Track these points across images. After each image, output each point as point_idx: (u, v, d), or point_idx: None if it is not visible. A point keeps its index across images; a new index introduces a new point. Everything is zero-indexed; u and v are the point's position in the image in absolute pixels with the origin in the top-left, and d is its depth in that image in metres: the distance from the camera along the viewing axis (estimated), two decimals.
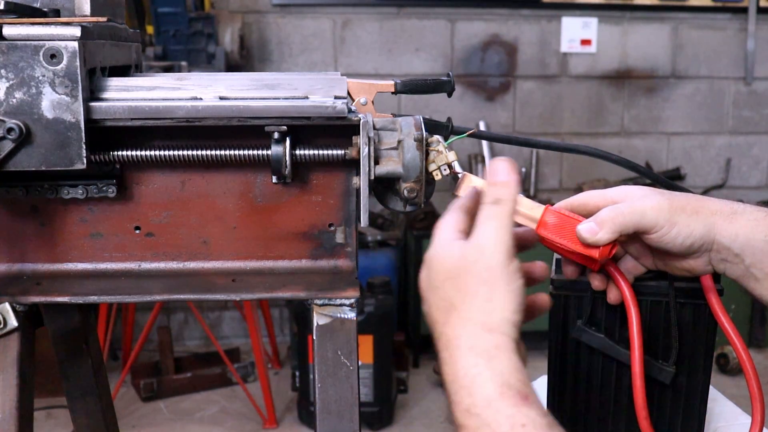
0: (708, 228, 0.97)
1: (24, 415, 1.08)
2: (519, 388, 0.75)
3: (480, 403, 0.74)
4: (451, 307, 0.81)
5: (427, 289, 0.86)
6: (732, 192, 4.78)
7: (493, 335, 0.78)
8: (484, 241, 0.82)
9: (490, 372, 0.76)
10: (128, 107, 0.99)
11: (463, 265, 0.82)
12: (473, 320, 0.80)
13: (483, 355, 0.77)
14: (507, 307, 0.80)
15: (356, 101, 1.09)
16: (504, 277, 0.81)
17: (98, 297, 1.09)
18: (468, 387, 0.76)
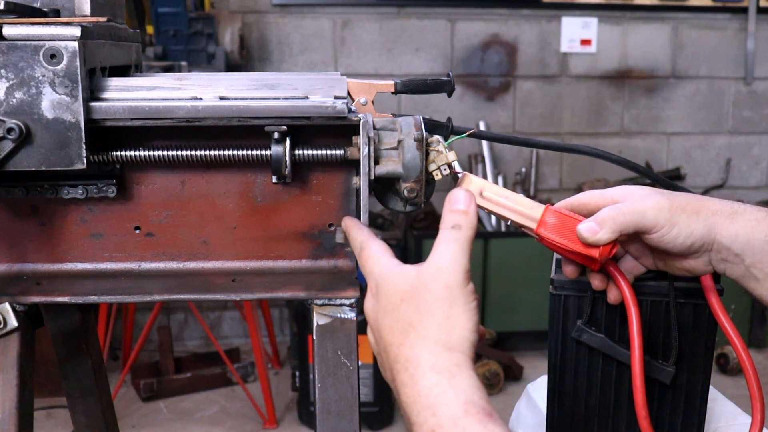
0: (708, 228, 0.97)
1: (24, 415, 1.08)
2: (483, 406, 0.75)
3: (445, 423, 0.74)
4: (409, 326, 0.81)
5: (378, 313, 0.85)
6: (732, 192, 4.78)
7: (453, 354, 0.78)
8: (443, 261, 0.82)
9: (454, 390, 0.75)
10: (128, 107, 0.99)
11: (420, 285, 0.82)
12: (433, 338, 0.79)
13: (444, 374, 0.77)
14: (465, 326, 0.80)
15: (356, 101, 1.09)
16: (462, 296, 0.81)
17: (98, 297, 1.09)
18: (432, 407, 0.75)
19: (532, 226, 1.02)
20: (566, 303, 1.13)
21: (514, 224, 1.04)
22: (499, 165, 4.61)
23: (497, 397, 3.81)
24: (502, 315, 4.15)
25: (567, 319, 1.13)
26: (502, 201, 1.04)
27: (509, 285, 4.12)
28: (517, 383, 3.89)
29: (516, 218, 1.03)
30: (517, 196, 1.04)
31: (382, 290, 0.85)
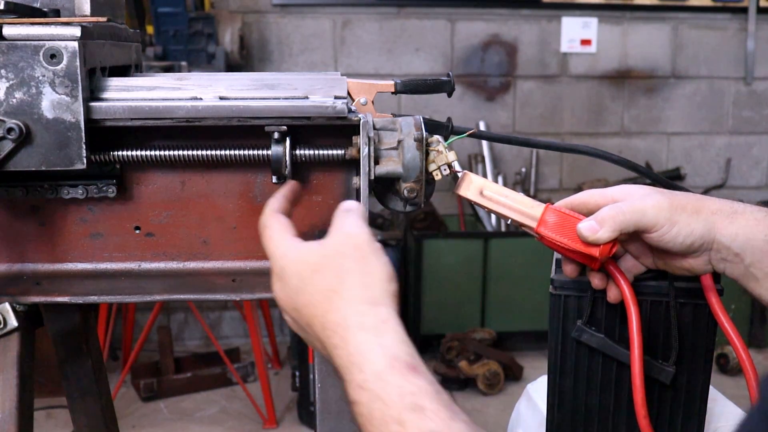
0: (708, 227, 0.97)
1: (24, 415, 1.08)
2: (407, 360, 0.78)
3: (371, 378, 0.77)
4: (331, 292, 0.83)
5: (290, 294, 0.87)
6: (732, 192, 4.78)
7: (378, 308, 0.81)
8: (347, 228, 0.87)
9: (380, 347, 0.78)
10: (128, 107, 0.99)
11: (331, 253, 0.85)
12: (356, 297, 0.82)
13: (372, 331, 0.80)
14: (384, 278, 0.84)
15: (356, 101, 1.09)
16: (373, 252, 0.85)
17: (98, 297, 1.09)
18: (359, 363, 0.78)
19: (532, 224, 1.02)
20: (566, 303, 1.12)
21: (515, 223, 1.04)
22: (499, 165, 4.61)
23: (497, 397, 3.81)
24: (502, 315, 4.15)
25: (567, 319, 1.13)
26: (503, 200, 1.04)
27: (509, 285, 4.12)
28: (517, 383, 3.88)
29: (516, 217, 1.03)
30: (517, 194, 1.04)
31: (288, 271, 0.87)
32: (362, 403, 0.77)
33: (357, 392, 0.77)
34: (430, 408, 0.74)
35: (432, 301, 4.10)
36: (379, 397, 0.75)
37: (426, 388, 0.76)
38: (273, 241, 0.90)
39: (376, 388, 0.76)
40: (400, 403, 0.74)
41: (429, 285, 4.08)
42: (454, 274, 4.11)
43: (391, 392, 0.75)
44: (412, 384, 0.75)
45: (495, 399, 3.80)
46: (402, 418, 0.74)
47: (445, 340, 3.93)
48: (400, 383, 0.76)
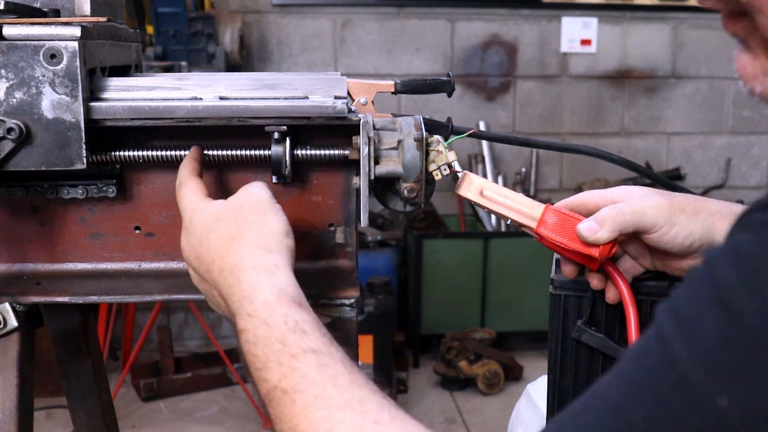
0: (707, 228, 0.97)
1: (24, 415, 1.08)
2: (294, 296, 0.84)
3: (259, 307, 0.83)
4: (231, 238, 0.90)
5: (194, 241, 0.93)
6: (732, 192, 4.78)
7: (272, 255, 0.88)
8: (250, 187, 0.94)
9: (270, 283, 0.85)
10: (128, 107, 0.99)
11: (234, 206, 0.92)
12: (253, 244, 0.89)
13: (264, 271, 0.86)
14: (281, 231, 0.90)
15: (356, 101, 1.09)
16: (273, 208, 0.92)
17: (98, 297, 1.09)
18: (250, 296, 0.85)
19: (532, 225, 1.02)
20: (566, 303, 1.12)
21: (514, 223, 1.04)
22: (499, 165, 4.61)
23: (497, 397, 3.81)
24: (502, 315, 4.15)
25: (567, 319, 1.13)
26: (502, 200, 1.04)
27: (509, 285, 4.12)
28: (517, 383, 3.88)
29: (516, 217, 1.03)
30: (517, 195, 1.04)
31: (196, 220, 0.94)
32: (249, 329, 0.83)
33: (245, 320, 0.83)
34: (311, 333, 0.80)
35: (432, 301, 4.10)
36: (266, 323, 0.82)
37: (309, 320, 0.82)
38: (187, 197, 0.97)
39: (263, 315, 0.82)
40: (284, 326, 0.81)
41: (429, 285, 4.08)
42: (454, 274, 4.11)
43: (277, 318, 0.82)
44: (297, 314, 0.82)
45: (495, 399, 3.81)
46: (285, 338, 0.80)
47: (445, 340, 3.92)
48: (285, 311, 0.82)
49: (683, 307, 0.57)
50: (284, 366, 0.78)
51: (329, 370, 0.77)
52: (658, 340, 0.57)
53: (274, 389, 0.78)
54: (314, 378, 0.76)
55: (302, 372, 0.77)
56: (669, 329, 0.57)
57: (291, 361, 0.78)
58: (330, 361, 0.78)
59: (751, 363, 0.52)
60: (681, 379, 0.54)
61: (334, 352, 0.79)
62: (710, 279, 0.56)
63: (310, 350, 0.78)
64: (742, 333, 0.52)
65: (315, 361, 0.77)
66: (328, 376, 0.76)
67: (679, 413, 0.54)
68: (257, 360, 0.81)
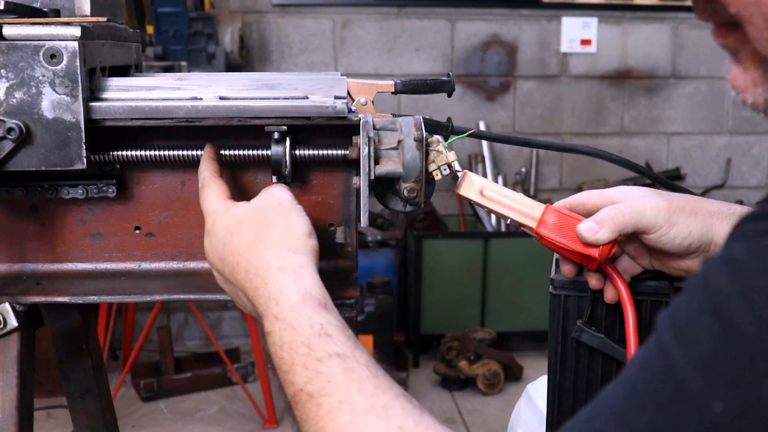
0: (706, 228, 0.97)
1: (24, 415, 1.08)
2: (319, 299, 0.85)
3: (285, 309, 0.84)
4: (255, 240, 0.90)
5: (218, 244, 0.94)
6: (732, 192, 4.78)
7: (297, 256, 0.89)
8: (273, 189, 0.96)
9: (296, 286, 0.86)
10: (128, 107, 0.99)
11: (257, 208, 0.93)
12: (278, 245, 0.89)
13: (290, 273, 0.87)
14: (304, 231, 0.91)
15: (356, 101, 1.09)
16: (295, 209, 0.93)
17: (98, 297, 1.09)
18: (276, 299, 0.85)
19: (532, 225, 1.02)
20: (566, 303, 1.12)
21: (514, 223, 1.04)
22: (499, 165, 4.61)
23: (497, 397, 3.81)
24: (502, 315, 4.15)
25: (567, 319, 1.13)
26: (503, 200, 1.04)
27: (509, 285, 4.12)
28: (517, 383, 3.88)
29: (516, 217, 1.03)
30: (517, 195, 1.04)
31: (219, 222, 0.95)
32: (275, 332, 0.83)
33: (272, 323, 0.84)
34: (336, 336, 0.81)
35: (432, 301, 4.10)
36: (291, 326, 0.82)
37: (334, 323, 0.83)
38: (209, 199, 0.97)
39: (288, 318, 0.83)
40: (309, 330, 0.81)
41: (429, 285, 4.08)
42: (454, 274, 4.11)
43: (302, 321, 0.82)
44: (322, 317, 0.83)
45: (495, 399, 3.81)
46: (310, 342, 0.80)
47: (445, 340, 3.93)
48: (311, 315, 0.83)
49: (681, 316, 0.59)
50: (309, 370, 0.78)
51: (354, 374, 0.77)
52: (658, 348, 0.59)
53: (300, 392, 0.78)
54: (339, 382, 0.76)
55: (327, 376, 0.77)
56: (667, 337, 0.58)
57: (316, 365, 0.78)
58: (355, 366, 0.78)
59: (745, 370, 0.53)
60: (679, 385, 0.56)
61: (358, 356, 0.79)
62: (705, 288, 0.57)
63: (335, 354, 0.79)
64: (737, 341, 0.54)
65: (340, 366, 0.78)
66: (353, 381, 0.76)
67: (678, 419, 0.56)
68: (283, 363, 0.81)
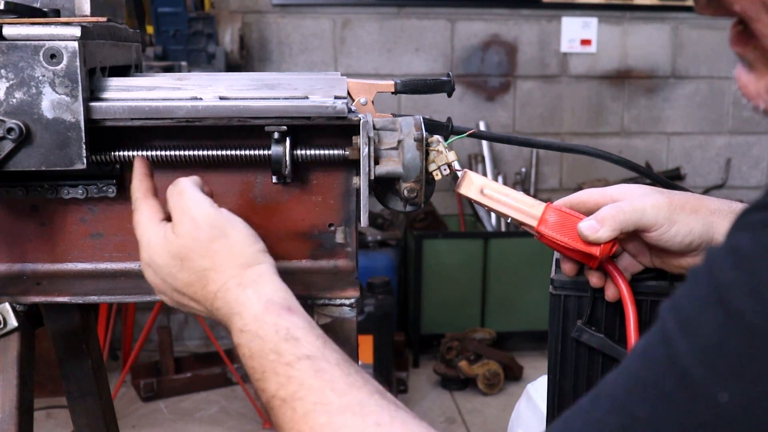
0: (707, 226, 0.97)
1: (24, 415, 1.08)
2: (281, 303, 0.85)
3: (249, 321, 0.84)
4: (205, 271, 0.89)
5: (168, 279, 0.92)
6: (732, 192, 4.78)
7: (252, 268, 0.88)
8: (193, 212, 0.90)
9: (256, 295, 0.85)
10: (128, 107, 0.99)
11: (189, 242, 0.89)
12: (231, 266, 0.88)
13: (250, 285, 0.86)
14: (249, 242, 0.90)
15: (356, 101, 1.09)
16: (228, 223, 0.90)
17: (98, 297, 1.09)
18: (239, 312, 0.85)
19: (532, 223, 1.02)
20: (566, 303, 1.12)
21: (515, 222, 1.04)
22: (499, 165, 4.61)
23: (497, 397, 3.81)
24: (502, 315, 4.15)
25: (567, 319, 1.13)
26: (503, 198, 1.04)
27: (509, 285, 4.12)
28: (517, 383, 3.88)
29: (517, 216, 1.03)
30: (517, 193, 1.04)
31: (158, 260, 0.92)
32: (243, 344, 0.83)
33: (238, 336, 0.84)
34: (303, 338, 0.80)
35: (432, 301, 4.10)
36: (257, 335, 0.82)
37: (299, 324, 0.82)
38: (141, 224, 0.95)
39: (254, 329, 0.83)
40: (275, 336, 0.81)
41: (429, 285, 4.08)
42: (454, 274, 4.10)
43: (267, 329, 0.82)
44: (287, 321, 0.82)
45: (495, 399, 3.80)
46: (278, 348, 0.80)
47: (445, 340, 3.92)
48: (275, 321, 0.82)
49: (684, 306, 0.58)
50: (280, 375, 0.78)
51: (326, 374, 0.77)
52: (661, 338, 0.59)
53: (273, 398, 0.78)
54: (312, 384, 0.76)
55: (299, 380, 0.77)
56: (671, 327, 0.58)
57: (287, 369, 0.78)
58: (326, 366, 0.78)
59: (750, 360, 0.53)
60: (683, 375, 0.55)
61: (329, 355, 0.79)
62: (710, 278, 0.57)
63: (305, 356, 0.79)
64: (741, 331, 0.54)
65: (310, 368, 0.78)
66: (326, 381, 0.76)
67: (681, 408, 0.55)
68: (255, 372, 0.81)
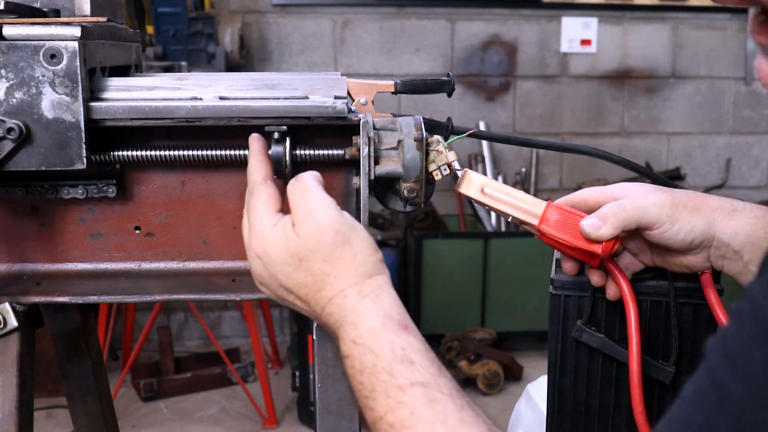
0: (709, 224, 0.97)
1: (24, 415, 1.08)
2: (399, 320, 0.83)
3: (364, 333, 0.82)
4: (324, 276, 0.86)
5: (280, 276, 0.89)
6: (732, 192, 4.78)
7: (374, 278, 0.86)
8: (317, 215, 0.87)
9: (374, 307, 0.83)
10: (128, 107, 0.99)
11: (311, 245, 0.87)
12: (351, 275, 0.86)
13: (369, 295, 0.85)
14: (370, 251, 0.88)
15: (356, 101, 1.09)
16: (353, 230, 0.88)
17: (98, 297, 1.09)
18: (354, 322, 0.83)
19: (533, 222, 1.02)
20: (566, 303, 1.12)
21: (516, 221, 1.04)
22: (499, 165, 4.61)
23: (497, 397, 3.81)
24: (502, 315, 4.15)
25: (567, 319, 1.13)
26: (504, 197, 1.04)
27: (509, 285, 4.12)
28: (517, 383, 3.88)
29: (518, 214, 1.03)
30: (518, 192, 1.04)
31: (273, 256, 0.89)
32: (354, 356, 0.81)
33: (350, 347, 0.82)
34: (419, 362, 0.78)
35: (432, 301, 4.10)
36: (371, 350, 0.80)
37: (416, 345, 0.80)
38: (257, 211, 0.91)
39: (368, 342, 0.81)
40: (390, 355, 0.79)
41: (429, 285, 4.08)
42: (454, 274, 4.10)
43: (383, 346, 0.80)
44: (403, 340, 0.80)
45: (495, 399, 3.80)
46: (392, 368, 0.78)
47: (445, 340, 3.92)
48: (392, 338, 0.80)
49: (732, 346, 0.57)
50: (391, 399, 0.76)
51: (438, 406, 0.75)
52: (711, 380, 0.57)
53: (380, 420, 0.76)
54: (423, 415, 0.74)
55: (410, 407, 0.75)
56: (721, 369, 0.57)
57: (398, 393, 0.76)
58: (439, 396, 0.76)
59: None
60: (737, 417, 0.54)
61: (442, 385, 0.77)
62: (755, 315, 0.56)
63: (419, 383, 0.76)
64: None
65: (424, 396, 0.75)
66: (437, 413, 0.74)
67: None
68: (363, 388, 0.79)
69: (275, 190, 0.93)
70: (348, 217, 0.89)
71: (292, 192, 0.90)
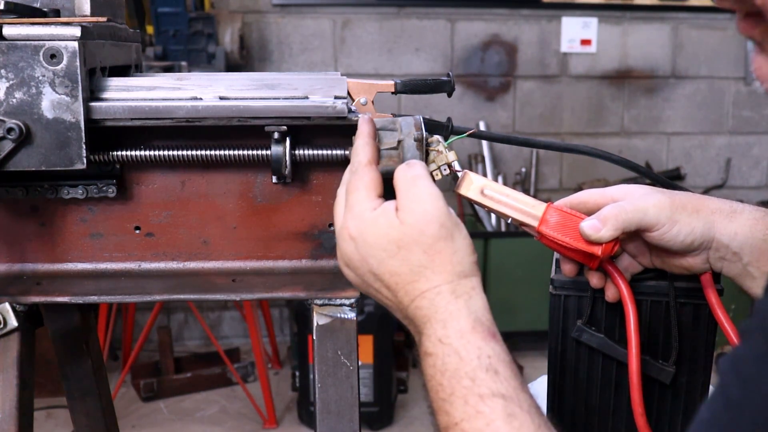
0: (708, 226, 0.97)
1: (24, 415, 1.08)
2: (489, 326, 0.83)
3: (453, 334, 0.81)
4: (421, 268, 0.85)
5: (373, 260, 0.87)
6: (732, 192, 4.78)
7: (469, 279, 0.86)
8: (426, 204, 0.86)
9: (466, 309, 0.83)
10: (128, 107, 0.99)
11: (415, 233, 0.85)
12: (448, 272, 0.85)
13: (463, 296, 0.84)
14: (469, 251, 0.87)
15: (356, 101, 1.09)
16: (456, 227, 0.87)
17: (98, 297, 1.09)
18: (444, 320, 0.82)
19: (533, 223, 1.02)
20: (566, 303, 1.12)
21: (515, 222, 1.04)
22: (499, 165, 4.61)
23: None
24: (502, 315, 4.13)
25: (567, 319, 1.13)
26: (504, 199, 1.04)
27: (509, 285, 4.11)
28: None
29: (517, 216, 1.03)
30: (518, 194, 1.04)
31: (370, 240, 0.87)
32: (437, 355, 0.80)
33: (435, 345, 0.81)
34: (503, 373, 0.77)
35: None
36: (457, 353, 0.79)
37: (502, 356, 0.79)
38: (358, 192, 0.89)
39: (455, 344, 0.80)
40: (476, 361, 0.78)
41: None
42: None
43: (470, 351, 0.79)
44: (491, 348, 0.79)
45: None
46: (476, 375, 0.77)
47: None
48: (480, 345, 0.79)
49: (745, 365, 0.57)
50: (470, 406, 0.75)
51: (516, 422, 0.74)
52: (726, 403, 0.57)
53: (455, 426, 0.76)
54: (499, 428, 0.73)
55: (488, 418, 0.74)
56: (734, 389, 0.57)
57: (478, 402, 0.75)
58: (518, 411, 0.75)
59: None
60: None
61: (522, 400, 0.76)
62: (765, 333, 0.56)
63: (500, 395, 0.75)
64: None
65: (503, 409, 0.74)
66: (514, 429, 0.73)
67: None
68: (442, 390, 0.78)
69: (379, 175, 0.92)
70: (453, 214, 0.88)
71: (402, 178, 0.89)
